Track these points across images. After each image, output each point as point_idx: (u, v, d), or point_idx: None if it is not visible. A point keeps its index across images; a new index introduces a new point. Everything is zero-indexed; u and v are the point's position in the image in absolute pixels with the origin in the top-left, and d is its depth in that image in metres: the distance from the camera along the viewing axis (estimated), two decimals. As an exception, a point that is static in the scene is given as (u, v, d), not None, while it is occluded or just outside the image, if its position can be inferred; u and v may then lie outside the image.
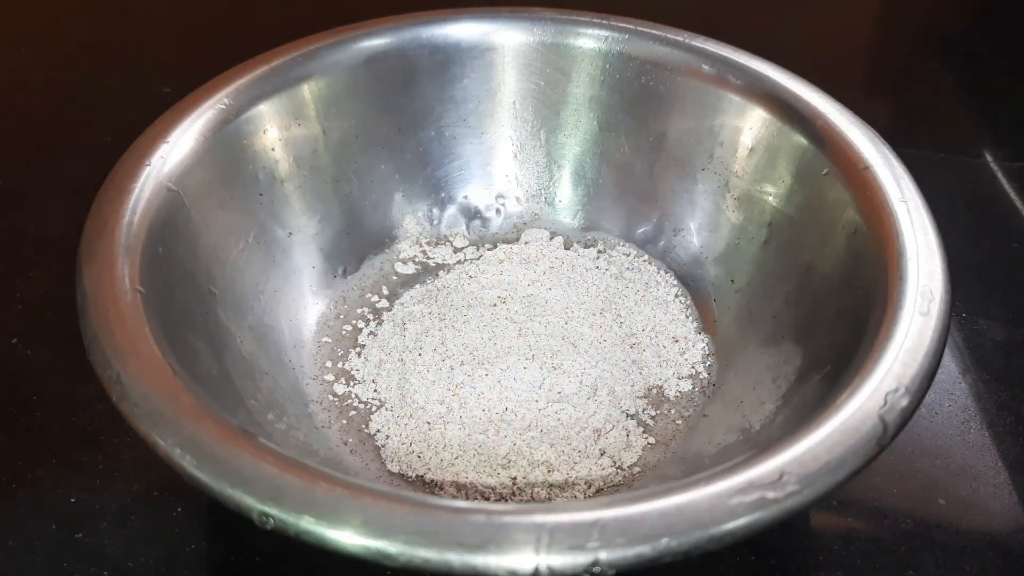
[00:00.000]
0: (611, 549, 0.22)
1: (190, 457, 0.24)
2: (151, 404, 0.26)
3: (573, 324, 0.39)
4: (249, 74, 0.39)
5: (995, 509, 0.34)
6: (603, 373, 0.37)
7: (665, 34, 0.42)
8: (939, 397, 0.39)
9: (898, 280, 0.30)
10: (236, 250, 0.37)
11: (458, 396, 0.36)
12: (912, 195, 0.33)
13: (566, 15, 0.43)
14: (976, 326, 0.42)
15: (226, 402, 0.28)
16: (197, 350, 0.31)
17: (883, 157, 0.35)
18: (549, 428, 0.35)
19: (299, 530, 0.23)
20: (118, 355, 0.27)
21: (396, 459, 0.35)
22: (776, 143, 0.39)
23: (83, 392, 0.37)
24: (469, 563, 0.22)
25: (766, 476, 0.24)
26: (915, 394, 0.26)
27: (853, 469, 0.25)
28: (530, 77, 0.44)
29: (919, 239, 0.31)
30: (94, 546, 0.32)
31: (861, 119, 0.37)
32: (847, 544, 0.33)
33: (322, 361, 0.39)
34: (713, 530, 0.23)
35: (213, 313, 0.34)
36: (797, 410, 0.31)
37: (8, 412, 0.37)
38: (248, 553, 0.32)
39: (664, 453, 0.36)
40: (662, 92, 0.42)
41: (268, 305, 0.38)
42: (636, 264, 0.44)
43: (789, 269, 0.37)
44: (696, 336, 0.40)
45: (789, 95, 0.39)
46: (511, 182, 0.46)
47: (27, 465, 0.35)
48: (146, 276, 0.30)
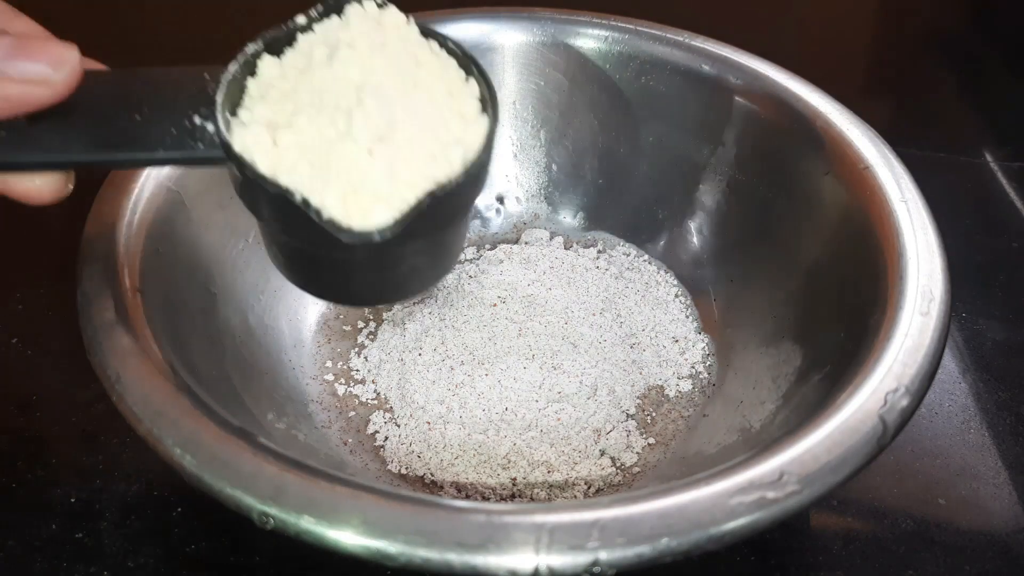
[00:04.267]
0: (611, 549, 0.22)
1: (190, 457, 0.24)
2: (151, 404, 0.26)
3: (573, 324, 0.39)
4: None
5: (995, 509, 0.34)
6: (603, 373, 0.37)
7: (665, 34, 0.42)
8: (939, 397, 0.39)
9: (898, 280, 0.30)
10: (236, 250, 0.37)
11: (458, 396, 0.36)
12: (912, 195, 0.33)
13: (566, 15, 0.43)
14: (976, 326, 0.42)
15: (226, 402, 0.28)
16: (197, 350, 0.31)
17: (883, 157, 0.35)
18: (549, 428, 0.35)
19: (299, 530, 0.23)
20: (118, 355, 0.27)
21: (396, 459, 0.35)
22: (776, 143, 0.39)
23: (83, 392, 0.37)
24: (469, 563, 0.22)
25: (766, 476, 0.24)
26: (915, 394, 0.26)
27: (853, 469, 0.25)
28: (530, 77, 0.44)
29: (919, 239, 0.31)
30: (94, 546, 0.32)
31: (861, 119, 0.37)
32: (847, 544, 0.33)
33: (322, 361, 0.39)
34: (713, 530, 0.23)
35: (213, 313, 0.34)
36: (797, 410, 0.31)
37: (9, 412, 0.37)
38: (248, 553, 0.32)
39: (664, 453, 0.36)
40: (662, 92, 0.42)
41: (268, 305, 0.38)
42: (636, 264, 0.44)
43: (789, 269, 0.37)
44: (696, 336, 0.40)
45: (789, 95, 0.39)
46: (511, 182, 0.46)
47: (28, 465, 0.35)
48: (146, 276, 0.30)
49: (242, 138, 0.24)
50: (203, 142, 0.25)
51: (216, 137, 0.25)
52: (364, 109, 0.24)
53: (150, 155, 0.25)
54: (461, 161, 0.25)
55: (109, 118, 0.25)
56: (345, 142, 0.24)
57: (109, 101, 0.25)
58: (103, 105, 0.25)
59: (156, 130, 0.25)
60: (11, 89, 0.23)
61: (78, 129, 0.25)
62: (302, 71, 0.26)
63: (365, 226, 0.23)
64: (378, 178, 0.24)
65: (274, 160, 0.24)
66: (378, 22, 0.27)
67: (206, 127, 0.25)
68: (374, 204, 0.23)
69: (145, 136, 0.25)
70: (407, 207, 0.23)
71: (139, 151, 0.25)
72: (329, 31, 0.27)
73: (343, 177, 0.24)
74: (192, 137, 0.25)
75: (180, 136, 0.25)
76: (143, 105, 0.25)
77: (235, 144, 0.24)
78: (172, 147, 0.25)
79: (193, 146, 0.25)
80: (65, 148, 0.25)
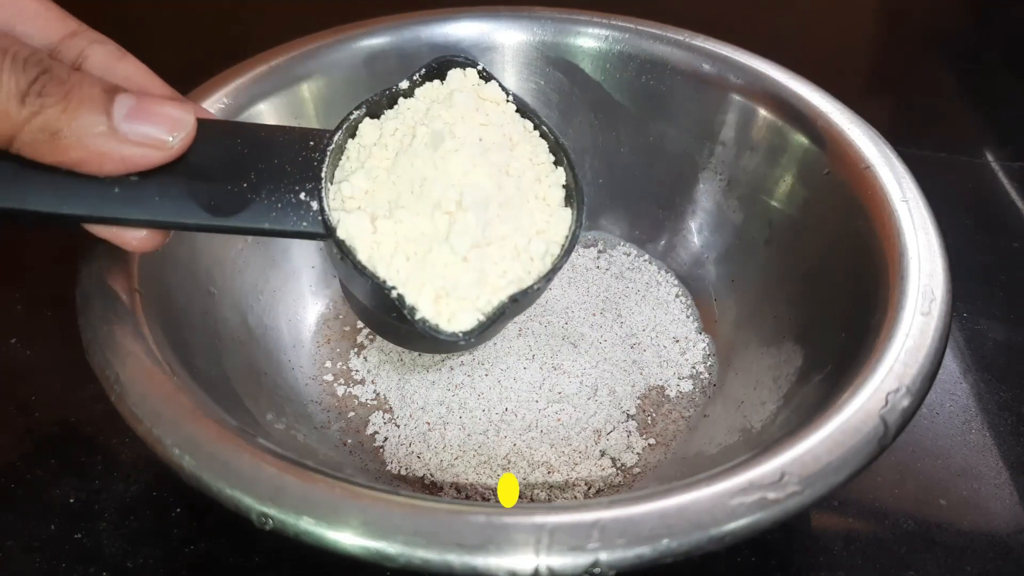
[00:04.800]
0: (611, 550, 0.22)
1: (189, 457, 0.24)
2: (150, 404, 0.25)
3: (573, 324, 0.39)
4: (248, 73, 0.39)
5: (996, 509, 0.34)
6: (603, 373, 0.37)
7: (665, 33, 0.42)
8: (940, 397, 0.39)
9: (899, 280, 0.30)
10: (235, 250, 0.37)
11: (458, 397, 0.36)
12: (913, 195, 0.33)
13: (566, 14, 0.43)
14: (977, 326, 0.42)
15: (226, 402, 0.28)
16: (197, 350, 0.31)
17: (884, 157, 0.35)
18: (549, 429, 0.35)
19: (298, 530, 0.23)
20: (118, 355, 0.27)
21: (395, 460, 0.35)
22: (777, 143, 0.39)
23: (82, 392, 0.37)
24: (469, 564, 0.22)
25: (767, 476, 0.24)
26: (916, 394, 0.26)
27: (854, 469, 0.25)
28: (530, 77, 0.44)
29: (920, 239, 0.31)
30: (94, 546, 0.32)
31: (862, 119, 0.37)
32: (848, 544, 0.33)
33: (321, 361, 0.39)
34: (713, 531, 0.23)
35: (212, 313, 0.34)
36: (798, 410, 0.31)
37: (8, 412, 0.37)
38: (248, 553, 0.32)
39: (665, 454, 0.36)
40: (662, 92, 0.42)
41: (267, 305, 0.38)
42: (637, 264, 0.44)
43: (790, 269, 0.37)
44: (697, 336, 0.40)
45: (790, 94, 0.39)
46: (511, 182, 0.46)
47: (27, 465, 0.35)
48: (146, 276, 0.30)
49: (346, 226, 0.25)
50: (307, 221, 0.26)
51: (320, 216, 0.26)
52: (464, 219, 0.25)
53: (257, 226, 0.26)
54: (541, 256, 0.26)
55: (218, 182, 0.25)
56: (443, 247, 0.25)
57: (219, 164, 0.26)
58: (213, 167, 0.25)
59: (264, 202, 0.25)
60: (128, 151, 0.24)
61: (187, 192, 0.25)
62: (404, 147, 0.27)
63: (452, 328, 0.25)
64: (469, 284, 0.25)
65: (372, 246, 0.25)
66: (479, 96, 0.28)
67: (311, 204, 0.26)
68: (462, 308, 0.25)
69: (253, 207, 0.25)
70: (491, 310, 0.25)
71: (246, 222, 0.25)
72: (432, 100, 0.28)
73: (438, 280, 0.25)
74: (296, 212, 0.26)
75: (285, 209, 0.26)
76: (251, 172, 0.26)
77: (339, 232, 0.25)
78: (277, 221, 0.25)
79: (297, 223, 0.26)
80: (174, 211, 0.25)
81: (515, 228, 0.26)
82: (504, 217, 0.26)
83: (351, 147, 0.27)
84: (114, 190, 0.24)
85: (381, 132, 0.27)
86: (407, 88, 0.28)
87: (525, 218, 0.27)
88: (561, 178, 0.28)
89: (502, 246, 0.26)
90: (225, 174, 0.25)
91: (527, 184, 0.27)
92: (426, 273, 0.25)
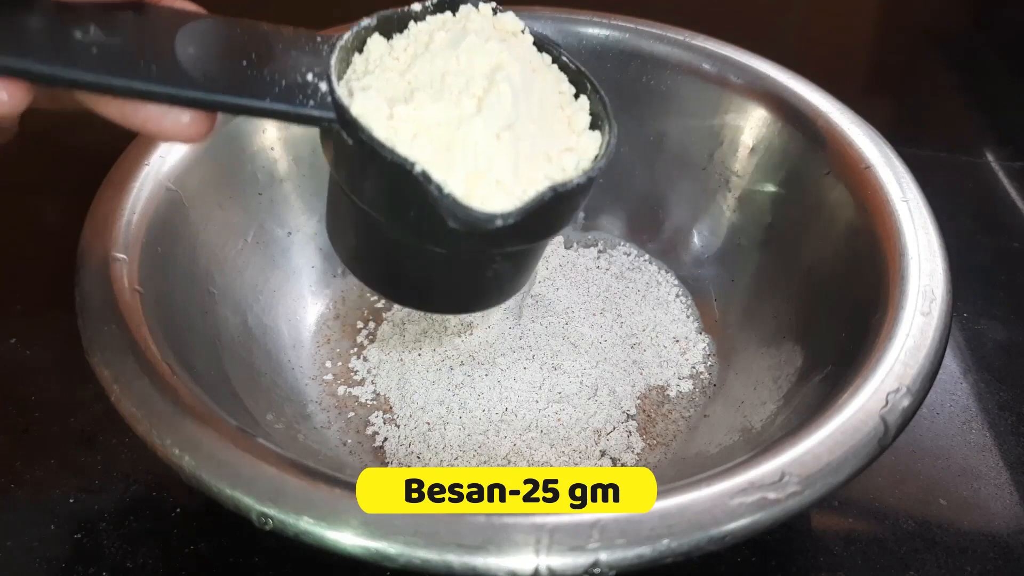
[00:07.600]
0: (611, 550, 0.22)
1: (189, 457, 0.24)
2: (150, 404, 0.25)
3: (573, 324, 0.39)
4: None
5: (996, 509, 0.34)
6: (603, 373, 0.37)
7: (665, 33, 0.42)
8: (940, 397, 0.39)
9: (899, 280, 0.30)
10: (235, 250, 0.37)
11: (458, 397, 0.36)
12: (913, 195, 0.33)
13: (566, 14, 0.43)
14: (977, 326, 0.42)
15: (225, 402, 0.28)
16: (197, 350, 0.31)
17: (884, 157, 0.35)
18: (549, 429, 0.35)
19: (298, 530, 0.23)
20: (117, 355, 0.27)
21: (395, 460, 0.35)
22: (777, 142, 0.39)
23: (82, 392, 0.37)
24: (469, 564, 0.22)
25: (767, 477, 0.24)
26: (916, 394, 0.26)
27: (854, 469, 0.25)
28: (530, 76, 0.44)
29: (920, 239, 0.31)
30: (93, 546, 0.32)
31: (862, 119, 0.37)
32: (848, 545, 0.33)
33: (321, 361, 0.39)
34: (714, 531, 0.23)
35: (212, 313, 0.34)
36: (798, 410, 0.31)
37: (7, 412, 0.37)
38: (248, 553, 0.32)
39: (665, 454, 0.36)
40: (662, 91, 0.42)
41: (267, 305, 0.38)
42: (637, 264, 0.44)
43: (790, 269, 0.37)
44: (697, 336, 0.40)
45: (790, 94, 0.38)
46: (511, 182, 0.46)
47: (26, 465, 0.35)
48: (146, 276, 0.30)
49: (362, 103, 0.23)
50: (314, 100, 0.23)
51: (329, 97, 0.23)
52: (498, 93, 0.23)
53: (258, 103, 0.23)
54: (574, 169, 0.24)
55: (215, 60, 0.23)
56: (473, 123, 0.23)
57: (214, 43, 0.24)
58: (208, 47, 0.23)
59: (265, 79, 0.23)
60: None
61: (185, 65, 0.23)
62: (419, 54, 0.25)
63: (487, 208, 0.22)
64: (504, 163, 0.23)
65: (389, 133, 0.23)
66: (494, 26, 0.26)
67: (318, 85, 0.24)
68: (497, 189, 0.23)
69: (253, 83, 0.23)
70: (528, 198, 0.23)
71: (246, 97, 0.23)
72: (446, 22, 0.26)
73: (469, 158, 0.23)
74: (303, 93, 0.23)
75: (290, 89, 0.23)
76: (251, 52, 0.24)
77: (353, 108, 0.23)
78: (280, 98, 0.23)
79: (303, 102, 0.23)
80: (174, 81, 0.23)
81: (545, 134, 0.24)
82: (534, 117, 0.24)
83: (357, 61, 0.25)
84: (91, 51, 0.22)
85: (392, 48, 0.26)
86: (419, 12, 0.26)
87: (553, 135, 0.25)
88: (585, 105, 0.26)
89: (534, 143, 0.24)
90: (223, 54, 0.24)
91: (552, 107, 0.26)
92: (455, 152, 0.23)
